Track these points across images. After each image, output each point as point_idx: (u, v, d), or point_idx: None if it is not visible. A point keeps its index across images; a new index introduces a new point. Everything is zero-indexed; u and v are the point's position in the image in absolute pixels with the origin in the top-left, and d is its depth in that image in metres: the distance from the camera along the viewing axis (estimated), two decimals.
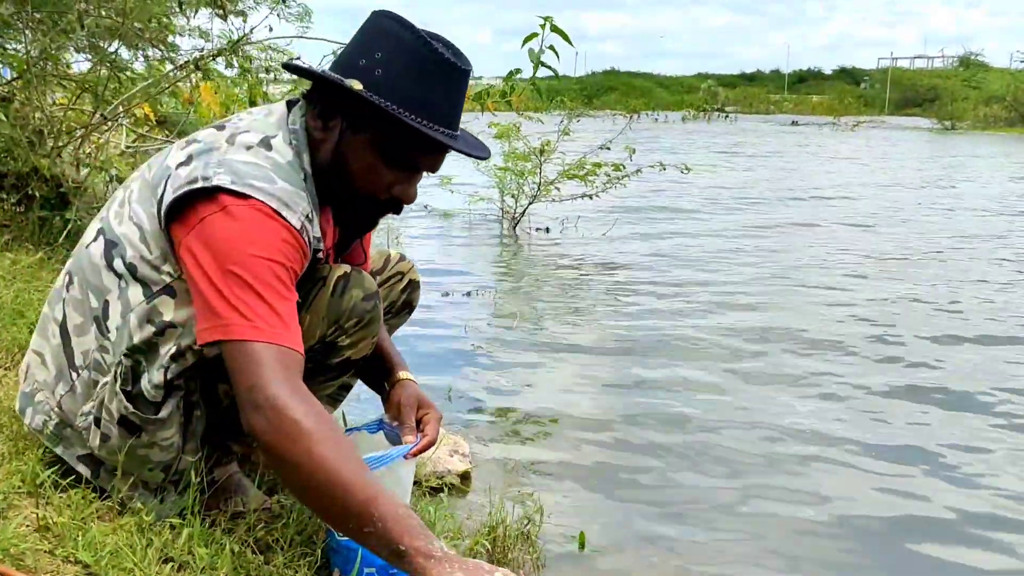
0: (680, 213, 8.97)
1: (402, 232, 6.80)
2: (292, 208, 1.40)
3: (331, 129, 1.50)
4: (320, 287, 1.54)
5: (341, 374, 1.66)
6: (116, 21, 3.80)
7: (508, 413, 3.13)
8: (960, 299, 5.14)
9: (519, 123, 7.51)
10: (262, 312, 1.32)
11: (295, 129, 1.50)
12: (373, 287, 1.59)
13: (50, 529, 1.49)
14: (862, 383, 3.57)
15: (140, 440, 1.53)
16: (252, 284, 1.33)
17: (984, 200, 10.46)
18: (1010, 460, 2.84)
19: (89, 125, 4.14)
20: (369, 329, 1.60)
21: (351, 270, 1.58)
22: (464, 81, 1.50)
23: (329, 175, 1.51)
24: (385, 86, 1.43)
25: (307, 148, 1.50)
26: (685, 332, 4.31)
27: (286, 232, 1.39)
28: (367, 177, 1.51)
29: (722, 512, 2.44)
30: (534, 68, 3.29)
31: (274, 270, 1.35)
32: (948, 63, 56.44)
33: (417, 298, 1.98)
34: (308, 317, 1.52)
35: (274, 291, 1.35)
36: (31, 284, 3.04)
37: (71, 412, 1.59)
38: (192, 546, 1.50)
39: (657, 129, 26.09)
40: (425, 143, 1.47)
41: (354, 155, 1.49)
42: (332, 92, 1.48)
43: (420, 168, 1.54)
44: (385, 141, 1.48)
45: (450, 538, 1.83)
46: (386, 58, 1.44)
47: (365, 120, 1.47)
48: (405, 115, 1.43)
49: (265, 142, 1.47)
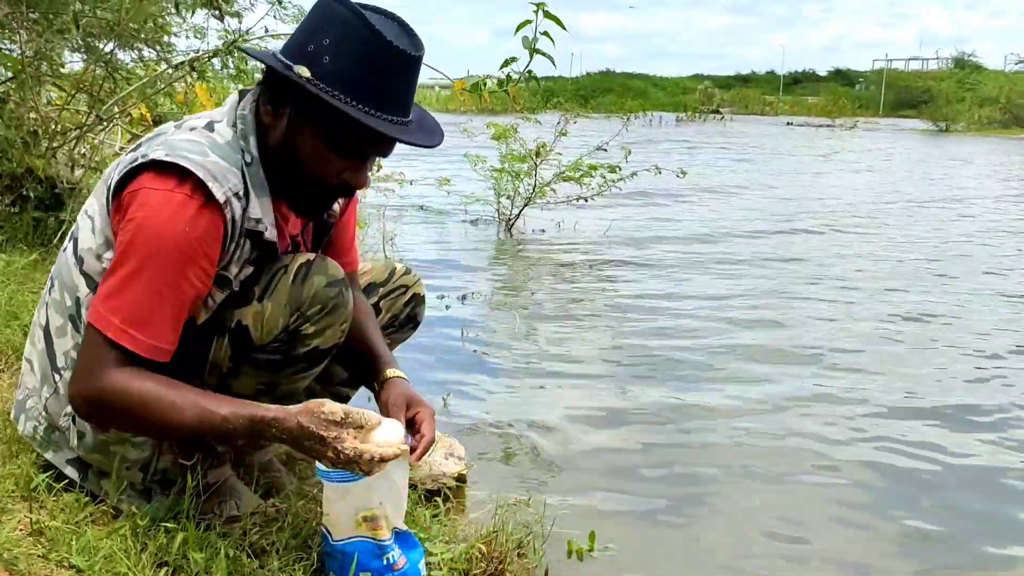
0: (679, 215, 8.97)
1: (396, 233, 6.78)
2: (219, 182, 1.43)
3: (280, 115, 1.51)
4: (281, 274, 1.53)
5: (312, 365, 1.62)
6: (112, 21, 3.79)
7: (504, 416, 3.13)
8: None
9: (516, 124, 7.50)
10: (128, 308, 1.40)
11: (243, 115, 1.52)
12: (339, 274, 1.57)
13: (44, 533, 1.49)
14: (865, 388, 3.57)
15: (110, 436, 1.56)
16: (141, 275, 1.40)
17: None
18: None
19: (84, 126, 4.12)
20: (335, 316, 1.56)
21: (315, 257, 1.57)
22: (415, 67, 1.49)
23: (280, 160, 1.52)
24: (332, 74, 1.42)
25: (254, 133, 1.51)
26: (685, 335, 4.31)
27: (204, 214, 1.41)
28: (316, 163, 1.51)
29: (724, 518, 2.44)
30: (529, 56, 3.24)
31: (171, 263, 1.40)
32: (943, 64, 56.53)
33: (422, 313, 1.96)
34: (269, 305, 1.51)
35: (153, 287, 1.40)
36: (25, 286, 3.03)
37: (56, 414, 1.60)
38: (187, 550, 1.50)
39: (651, 132, 26.08)
40: (371, 133, 1.47)
41: (303, 142, 1.50)
42: (281, 77, 1.48)
43: (369, 155, 1.55)
44: (332, 130, 1.48)
45: (446, 542, 1.82)
46: (333, 44, 1.43)
47: (313, 108, 1.46)
48: (351, 104, 1.42)
49: (209, 125, 1.52)
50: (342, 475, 1.52)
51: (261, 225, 1.50)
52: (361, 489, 1.54)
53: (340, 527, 1.58)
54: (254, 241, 1.51)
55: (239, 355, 1.55)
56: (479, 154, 7.73)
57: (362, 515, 1.56)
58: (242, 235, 1.48)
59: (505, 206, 7.76)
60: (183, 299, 1.44)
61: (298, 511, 1.72)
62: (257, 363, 1.56)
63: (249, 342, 1.53)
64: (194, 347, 1.53)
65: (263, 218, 1.50)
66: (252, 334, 1.52)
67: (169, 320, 1.43)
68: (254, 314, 1.51)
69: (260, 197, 1.50)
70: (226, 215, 1.44)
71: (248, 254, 1.52)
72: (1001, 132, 32.25)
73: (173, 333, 1.45)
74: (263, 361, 1.55)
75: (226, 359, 1.55)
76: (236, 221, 1.46)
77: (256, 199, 1.49)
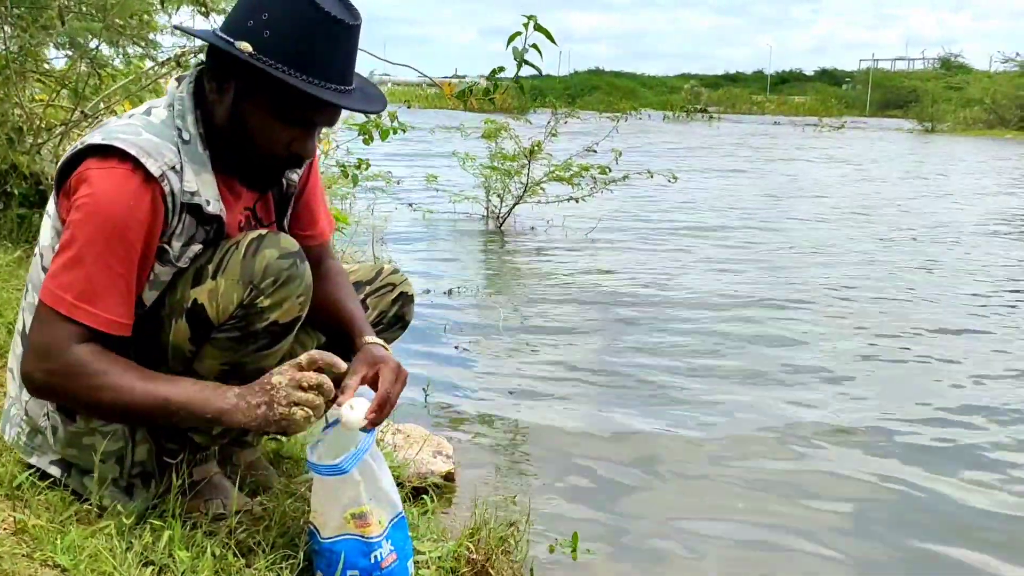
0: (668, 214, 8.99)
1: (386, 231, 6.77)
2: (154, 157, 1.47)
3: (225, 91, 1.54)
4: (232, 250, 1.53)
5: (275, 340, 1.59)
6: (97, 17, 3.76)
7: (491, 413, 3.13)
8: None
9: (507, 123, 7.50)
10: (80, 284, 1.43)
11: (181, 96, 1.56)
12: (292, 246, 1.56)
13: (27, 532, 1.48)
14: (850, 374, 3.59)
15: (78, 426, 1.57)
16: (90, 251, 1.43)
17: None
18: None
19: (69, 122, 4.09)
20: (290, 288, 1.54)
21: (267, 232, 1.57)
22: (354, 35, 1.53)
23: (228, 136, 1.56)
24: (273, 47, 1.46)
25: (193, 112, 1.56)
26: (674, 335, 4.32)
27: (146, 189, 1.45)
28: (264, 136, 1.55)
29: (711, 517, 2.45)
30: (517, 67, 3.29)
31: (119, 237, 1.44)
32: (929, 65, 56.83)
33: (410, 312, 1.95)
34: (222, 282, 1.51)
35: (103, 262, 1.43)
36: (9, 283, 3.00)
37: (36, 415, 1.61)
38: (172, 549, 1.49)
39: (642, 130, 26.12)
40: (316, 102, 1.51)
41: (250, 115, 1.54)
42: (223, 55, 1.51)
43: (316, 125, 1.58)
44: (278, 101, 1.51)
45: (433, 540, 1.82)
46: (273, 18, 1.47)
47: (257, 81, 1.50)
48: (294, 75, 1.46)
49: (147, 111, 1.57)
50: (331, 468, 1.51)
51: (197, 198, 1.51)
52: (350, 486, 1.53)
53: (329, 525, 1.57)
54: (196, 216, 1.53)
55: (199, 336, 1.55)
56: (468, 152, 7.73)
57: (350, 512, 1.55)
58: (183, 208, 1.51)
59: (495, 204, 7.76)
60: (132, 271, 1.47)
61: (285, 509, 1.71)
62: (218, 343, 1.55)
63: (207, 321, 1.53)
64: (155, 334, 1.54)
65: (199, 190, 1.52)
66: (208, 312, 1.52)
67: (123, 294, 1.47)
68: (208, 291, 1.52)
69: (199, 173, 1.53)
70: (164, 188, 1.48)
71: (193, 229, 1.53)
72: (987, 132, 32.46)
73: (127, 307, 1.48)
74: (223, 340, 1.55)
75: (186, 341, 1.55)
76: (175, 194, 1.49)
77: (193, 174, 1.52)
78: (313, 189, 1.82)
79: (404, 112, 4.87)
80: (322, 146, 5.76)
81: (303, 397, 1.45)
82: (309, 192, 1.81)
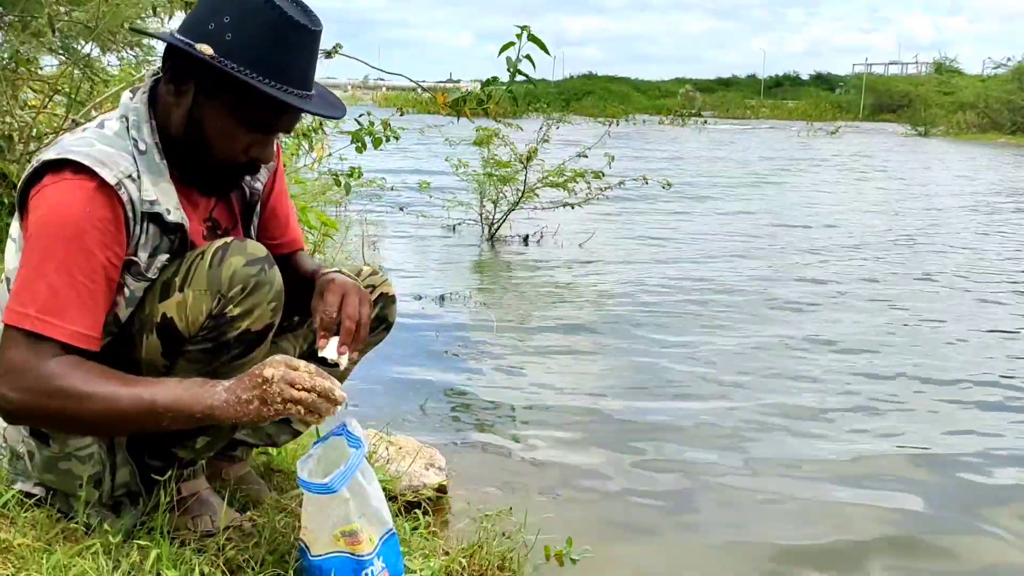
0: (662, 219, 8.99)
1: (377, 236, 6.76)
2: (109, 167, 1.45)
3: (184, 94, 1.52)
4: (198, 261, 1.52)
5: (248, 349, 1.57)
6: (88, 24, 3.74)
7: (484, 423, 3.11)
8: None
9: (500, 130, 7.48)
10: (41, 297, 1.39)
11: (135, 107, 1.55)
12: (259, 252, 1.54)
13: (12, 551, 1.46)
14: (837, 379, 3.58)
15: (53, 451, 1.55)
16: (49, 263, 1.40)
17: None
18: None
19: (61, 129, 4.07)
20: (259, 295, 1.52)
21: (232, 240, 1.55)
22: (315, 41, 1.53)
23: (185, 142, 1.54)
24: (235, 50, 1.45)
25: (148, 122, 1.54)
26: (669, 342, 4.31)
27: (101, 195, 1.43)
28: (224, 140, 1.54)
29: (705, 529, 2.44)
30: (511, 76, 3.34)
31: (77, 246, 1.41)
32: (922, 69, 57.09)
33: (393, 314, 1.93)
34: (190, 293, 1.50)
35: (64, 272, 1.40)
36: None
37: (15, 441, 1.59)
38: (160, 568, 1.47)
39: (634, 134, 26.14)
40: (278, 106, 1.50)
41: (209, 119, 1.52)
42: (183, 57, 1.49)
43: (276, 129, 1.57)
44: (239, 105, 1.50)
45: (425, 556, 1.80)
46: (234, 22, 1.46)
47: (217, 84, 1.49)
48: (256, 79, 1.45)
49: (100, 124, 1.55)
50: (320, 487, 1.50)
51: (157, 206, 1.50)
52: (339, 504, 1.51)
53: (319, 542, 1.55)
54: (159, 225, 1.52)
55: (171, 351, 1.53)
56: (461, 159, 7.71)
57: (340, 530, 1.54)
58: (144, 218, 1.50)
59: (488, 210, 7.75)
60: (97, 281, 1.44)
61: (275, 526, 1.69)
62: (191, 356, 1.53)
63: (178, 335, 1.51)
64: (127, 351, 1.52)
65: (159, 199, 1.51)
66: (178, 325, 1.50)
67: (88, 306, 1.43)
68: (176, 304, 1.50)
69: (156, 182, 1.51)
70: (122, 196, 1.46)
71: (157, 239, 1.52)
72: (980, 136, 32.58)
73: (94, 319, 1.44)
74: (196, 353, 1.53)
75: (159, 356, 1.53)
76: (134, 202, 1.47)
77: (151, 183, 1.50)
78: (280, 196, 1.82)
79: (396, 120, 4.86)
80: (314, 153, 5.75)
81: (297, 396, 1.41)
82: (275, 199, 1.80)
